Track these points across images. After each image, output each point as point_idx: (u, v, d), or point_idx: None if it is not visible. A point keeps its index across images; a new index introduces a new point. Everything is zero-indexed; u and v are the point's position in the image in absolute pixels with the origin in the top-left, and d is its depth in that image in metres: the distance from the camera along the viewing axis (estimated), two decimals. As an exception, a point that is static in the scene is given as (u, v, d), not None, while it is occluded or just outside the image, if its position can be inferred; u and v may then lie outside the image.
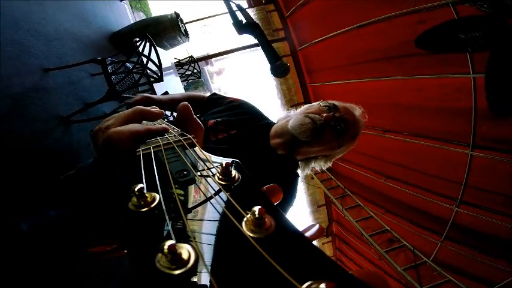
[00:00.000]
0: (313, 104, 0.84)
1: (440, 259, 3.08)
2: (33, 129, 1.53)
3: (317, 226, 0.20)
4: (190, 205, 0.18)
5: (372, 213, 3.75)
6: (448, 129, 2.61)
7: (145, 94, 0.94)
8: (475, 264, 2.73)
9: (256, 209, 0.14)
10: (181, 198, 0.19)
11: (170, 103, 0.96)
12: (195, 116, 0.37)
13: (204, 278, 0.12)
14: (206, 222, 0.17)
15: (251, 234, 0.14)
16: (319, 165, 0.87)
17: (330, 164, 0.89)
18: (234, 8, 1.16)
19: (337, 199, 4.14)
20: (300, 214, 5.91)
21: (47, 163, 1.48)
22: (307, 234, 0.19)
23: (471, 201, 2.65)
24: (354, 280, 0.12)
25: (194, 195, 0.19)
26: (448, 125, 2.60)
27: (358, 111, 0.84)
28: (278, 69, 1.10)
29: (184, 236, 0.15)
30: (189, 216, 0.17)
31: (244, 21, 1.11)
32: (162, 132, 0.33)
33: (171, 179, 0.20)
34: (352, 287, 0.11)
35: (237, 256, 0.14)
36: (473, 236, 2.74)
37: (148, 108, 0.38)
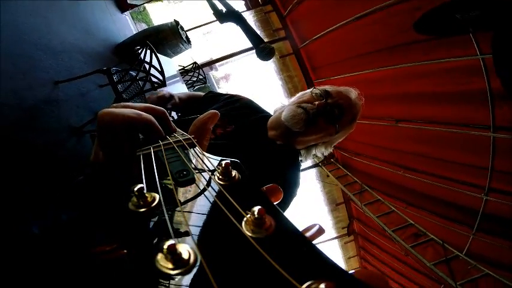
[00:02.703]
0: (305, 91, 0.83)
1: (475, 252, 2.87)
2: (47, 140, 1.58)
3: (317, 226, 0.20)
4: (188, 205, 0.18)
5: (394, 208, 3.57)
6: (464, 113, 2.50)
7: (160, 93, 1.02)
8: (514, 255, 2.50)
9: (256, 209, 0.14)
10: (171, 192, 0.19)
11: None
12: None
13: (203, 278, 0.12)
14: (206, 222, 0.17)
15: (251, 234, 0.14)
16: (320, 152, 0.87)
17: (330, 150, 0.89)
18: None
19: (355, 195, 4.00)
20: (318, 213, 5.76)
21: (62, 172, 1.52)
22: (307, 234, 0.19)
23: (500, 187, 2.46)
24: (353, 280, 0.12)
25: (187, 194, 0.20)
26: (463, 109, 2.49)
27: (353, 93, 0.82)
28: (262, 52, 1.12)
29: (183, 236, 0.15)
30: (188, 215, 0.17)
31: (224, 10, 1.14)
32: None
33: (171, 179, 0.21)
34: (352, 287, 0.11)
35: (237, 256, 0.14)
36: (507, 226, 2.53)
37: (171, 120, 0.36)
